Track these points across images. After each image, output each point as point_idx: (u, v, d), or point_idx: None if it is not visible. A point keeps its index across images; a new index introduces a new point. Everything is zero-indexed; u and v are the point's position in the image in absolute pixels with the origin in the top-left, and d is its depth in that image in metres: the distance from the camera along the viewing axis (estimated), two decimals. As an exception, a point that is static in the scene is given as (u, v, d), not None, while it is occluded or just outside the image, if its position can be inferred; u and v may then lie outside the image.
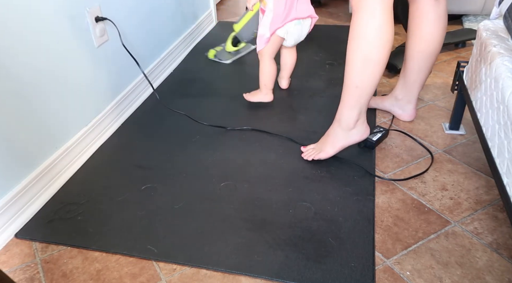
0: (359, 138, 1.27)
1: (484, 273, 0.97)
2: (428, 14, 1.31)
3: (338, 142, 1.27)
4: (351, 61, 1.13)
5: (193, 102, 1.71)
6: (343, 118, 1.22)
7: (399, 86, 1.49)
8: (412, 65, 1.40)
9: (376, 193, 1.21)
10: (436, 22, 1.31)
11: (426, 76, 1.42)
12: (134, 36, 1.67)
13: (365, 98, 1.17)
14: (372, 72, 1.12)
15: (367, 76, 1.12)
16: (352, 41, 1.11)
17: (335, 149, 1.29)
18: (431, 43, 1.34)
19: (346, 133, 1.25)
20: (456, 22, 2.40)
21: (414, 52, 1.37)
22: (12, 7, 1.10)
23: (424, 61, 1.38)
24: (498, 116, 1.00)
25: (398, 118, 1.53)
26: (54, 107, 1.28)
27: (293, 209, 1.16)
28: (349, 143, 1.27)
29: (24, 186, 1.18)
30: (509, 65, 1.01)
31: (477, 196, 1.19)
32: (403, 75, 1.46)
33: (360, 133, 1.26)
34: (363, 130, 1.26)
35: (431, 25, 1.32)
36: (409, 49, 1.39)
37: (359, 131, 1.25)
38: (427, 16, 1.31)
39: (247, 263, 1.01)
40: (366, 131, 1.27)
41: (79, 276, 1.01)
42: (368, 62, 1.10)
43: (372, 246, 1.04)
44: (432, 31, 1.33)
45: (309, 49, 2.12)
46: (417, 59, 1.38)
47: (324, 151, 1.30)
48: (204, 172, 1.32)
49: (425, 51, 1.35)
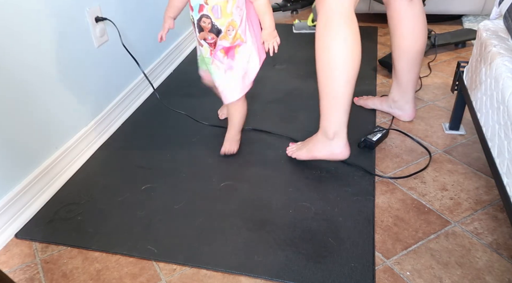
0: (338, 153, 1.22)
1: (484, 273, 0.97)
2: (405, 14, 1.33)
3: (315, 149, 1.26)
4: (317, 71, 1.15)
5: (194, 102, 1.71)
6: (322, 125, 1.22)
7: (394, 88, 1.50)
8: (401, 66, 1.41)
9: (376, 193, 1.21)
10: (414, 20, 1.34)
11: (417, 75, 1.44)
12: (134, 36, 1.67)
13: (337, 108, 1.16)
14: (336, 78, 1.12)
15: (331, 82, 1.13)
16: (318, 49, 1.13)
17: (309, 154, 1.28)
18: (413, 42, 1.36)
19: (326, 142, 1.22)
20: (456, 22, 2.40)
21: (400, 53, 1.39)
22: (12, 7, 1.10)
23: (411, 60, 1.39)
24: (498, 117, 1.00)
25: (399, 119, 1.53)
26: (54, 107, 1.28)
27: (293, 209, 1.16)
28: (325, 153, 1.23)
29: (24, 186, 1.18)
30: (509, 66, 1.01)
31: (477, 196, 1.19)
32: (395, 77, 1.47)
33: (339, 148, 1.21)
34: (342, 146, 1.20)
35: (410, 24, 1.34)
36: (394, 51, 1.41)
37: (338, 146, 1.20)
38: (405, 16, 1.33)
39: (247, 263, 1.01)
40: (345, 150, 1.21)
41: (79, 276, 1.01)
42: (331, 75, 1.12)
43: (372, 246, 1.04)
44: (412, 30, 1.35)
45: (310, 49, 2.12)
46: (404, 59, 1.40)
47: (300, 152, 1.31)
48: (204, 172, 1.32)
49: (410, 51, 1.37)
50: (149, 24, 1.79)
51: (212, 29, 1.16)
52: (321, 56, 1.13)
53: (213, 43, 1.19)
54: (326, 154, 1.24)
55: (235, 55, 1.22)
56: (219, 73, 1.24)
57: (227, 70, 1.23)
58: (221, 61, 1.22)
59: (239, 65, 1.23)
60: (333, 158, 1.24)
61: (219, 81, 1.26)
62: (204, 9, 1.13)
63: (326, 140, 1.22)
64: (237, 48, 1.21)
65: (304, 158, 1.30)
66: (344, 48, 1.09)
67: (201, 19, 1.15)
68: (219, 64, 1.23)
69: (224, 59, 1.22)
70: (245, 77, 1.26)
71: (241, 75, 1.24)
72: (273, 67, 1.96)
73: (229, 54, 1.21)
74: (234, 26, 1.16)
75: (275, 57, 1.57)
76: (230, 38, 1.18)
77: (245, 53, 1.23)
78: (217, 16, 1.14)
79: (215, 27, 1.15)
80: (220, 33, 1.16)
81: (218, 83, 1.26)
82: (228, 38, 1.18)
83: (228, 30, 1.16)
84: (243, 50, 1.22)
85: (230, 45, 1.19)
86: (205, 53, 1.23)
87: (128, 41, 1.60)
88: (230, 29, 1.16)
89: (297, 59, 2.04)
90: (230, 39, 1.18)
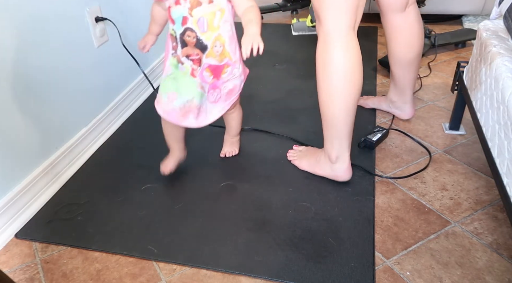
0: (339, 176, 1.21)
1: (484, 273, 0.97)
2: (399, 25, 1.30)
3: (317, 167, 1.25)
4: (318, 94, 1.12)
5: (193, 102, 1.70)
6: (325, 147, 1.20)
7: (391, 89, 1.50)
8: (397, 71, 1.41)
9: (376, 193, 1.21)
10: (409, 30, 1.31)
11: (414, 77, 1.42)
12: (134, 36, 1.67)
13: (337, 135, 1.14)
14: (335, 105, 1.09)
15: (330, 109, 1.11)
16: (317, 73, 1.10)
17: (310, 168, 1.27)
18: (409, 50, 1.34)
19: (328, 163, 1.21)
20: (456, 22, 2.40)
21: (395, 59, 1.38)
22: (12, 7, 1.10)
23: (408, 66, 1.38)
24: (498, 117, 1.00)
25: (398, 118, 1.53)
26: (54, 107, 1.28)
27: (293, 209, 1.16)
28: (327, 174, 1.23)
29: (24, 186, 1.18)
30: (509, 66, 1.01)
31: (477, 196, 1.19)
32: (392, 80, 1.47)
33: (341, 172, 1.20)
34: (344, 169, 1.19)
35: (404, 33, 1.32)
36: (390, 57, 1.40)
37: (340, 169, 1.19)
38: (399, 27, 1.31)
39: (247, 263, 1.01)
40: (347, 173, 1.20)
41: (79, 276, 1.01)
42: (329, 101, 1.10)
43: (372, 246, 1.04)
44: (409, 39, 1.32)
45: (310, 48, 2.12)
46: (400, 65, 1.38)
47: (301, 162, 1.30)
48: (204, 172, 1.32)
49: (405, 58, 1.35)
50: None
51: (197, 44, 1.03)
52: (319, 81, 1.10)
53: (198, 60, 1.06)
54: (327, 174, 1.23)
55: (221, 76, 1.09)
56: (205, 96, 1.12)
57: (210, 90, 1.11)
58: (206, 81, 1.09)
59: (225, 86, 1.12)
60: (334, 179, 1.23)
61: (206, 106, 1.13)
62: (188, 22, 1.01)
63: (329, 162, 1.21)
64: (225, 68, 1.09)
65: (304, 169, 1.29)
66: (341, 76, 1.06)
67: (185, 33, 1.03)
68: (204, 86, 1.10)
69: (210, 79, 1.09)
70: (230, 94, 1.16)
71: (225, 93, 1.14)
72: (273, 67, 1.96)
73: (216, 74, 1.08)
74: (222, 41, 1.05)
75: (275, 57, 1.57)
76: (217, 56, 1.05)
77: (233, 73, 1.11)
78: (203, 30, 1.02)
79: (200, 42, 1.03)
80: (206, 49, 1.04)
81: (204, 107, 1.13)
82: (214, 55, 1.05)
83: (215, 46, 1.04)
84: (232, 71, 1.10)
85: (218, 63, 1.07)
86: (185, 72, 1.08)
87: (128, 41, 1.60)
88: (217, 45, 1.04)
89: (297, 59, 2.04)
90: (217, 57, 1.05)
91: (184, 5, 1.00)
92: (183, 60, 1.06)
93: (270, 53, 2.08)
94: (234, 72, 1.11)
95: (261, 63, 1.98)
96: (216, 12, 1.00)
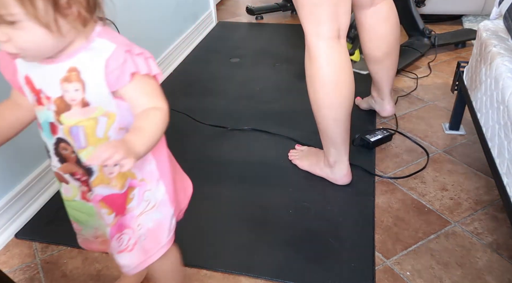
0: (338, 179, 1.22)
1: (484, 273, 0.97)
2: (367, 21, 1.29)
3: (317, 168, 1.25)
4: (311, 105, 1.13)
5: (194, 102, 1.70)
6: (324, 151, 1.21)
7: (372, 86, 1.49)
8: (370, 67, 1.40)
9: (376, 193, 1.21)
10: (375, 28, 1.29)
11: (388, 76, 1.40)
12: (134, 36, 1.67)
13: (332, 144, 1.15)
14: (325, 117, 1.10)
15: (321, 119, 1.12)
16: (307, 86, 1.11)
17: (310, 169, 1.28)
18: (376, 48, 1.32)
19: (327, 166, 1.22)
20: (456, 22, 2.40)
21: (365, 56, 1.37)
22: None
23: (378, 64, 1.36)
24: (498, 117, 1.00)
25: (379, 114, 1.52)
26: (54, 108, 1.28)
27: (293, 209, 1.16)
28: (326, 175, 1.24)
29: (24, 186, 1.18)
30: (509, 66, 1.01)
31: (477, 196, 1.19)
32: (371, 76, 1.47)
33: (340, 176, 1.21)
34: (342, 173, 1.20)
35: (372, 31, 1.30)
36: (364, 54, 1.38)
37: (339, 173, 1.20)
38: (366, 23, 1.29)
39: (247, 263, 1.01)
40: (346, 177, 1.21)
41: (79, 276, 1.01)
42: (319, 113, 1.11)
43: (372, 246, 1.04)
44: (374, 37, 1.31)
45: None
46: (370, 62, 1.37)
47: (302, 162, 1.30)
48: (204, 171, 1.32)
49: (374, 55, 1.34)
50: (149, 24, 1.79)
51: (79, 163, 0.65)
52: (309, 94, 1.11)
53: (86, 181, 0.67)
54: (327, 176, 1.24)
55: (126, 207, 0.69)
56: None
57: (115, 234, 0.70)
58: (106, 223, 0.69)
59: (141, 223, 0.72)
60: (334, 182, 1.23)
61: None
62: (59, 131, 0.65)
63: (328, 165, 1.21)
64: (130, 192, 0.69)
65: (305, 169, 1.29)
66: (328, 90, 1.06)
67: (59, 145, 0.67)
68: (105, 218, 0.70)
69: (111, 219, 0.69)
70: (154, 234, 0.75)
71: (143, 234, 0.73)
72: (273, 67, 1.95)
73: (117, 208, 0.69)
74: None
75: (275, 57, 1.57)
76: (114, 181, 0.66)
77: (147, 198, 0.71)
78: (80, 145, 0.63)
79: (80, 163, 0.65)
80: (92, 174, 0.66)
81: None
82: (107, 181, 0.66)
83: (105, 167, 0.63)
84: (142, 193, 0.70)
85: (117, 192, 0.67)
86: (73, 195, 0.72)
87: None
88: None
89: (297, 59, 2.03)
90: (113, 182, 0.66)
91: (48, 106, 0.63)
92: (66, 178, 0.69)
93: (270, 53, 2.08)
94: (146, 196, 0.70)
95: (261, 63, 1.98)
96: (98, 118, 0.62)
